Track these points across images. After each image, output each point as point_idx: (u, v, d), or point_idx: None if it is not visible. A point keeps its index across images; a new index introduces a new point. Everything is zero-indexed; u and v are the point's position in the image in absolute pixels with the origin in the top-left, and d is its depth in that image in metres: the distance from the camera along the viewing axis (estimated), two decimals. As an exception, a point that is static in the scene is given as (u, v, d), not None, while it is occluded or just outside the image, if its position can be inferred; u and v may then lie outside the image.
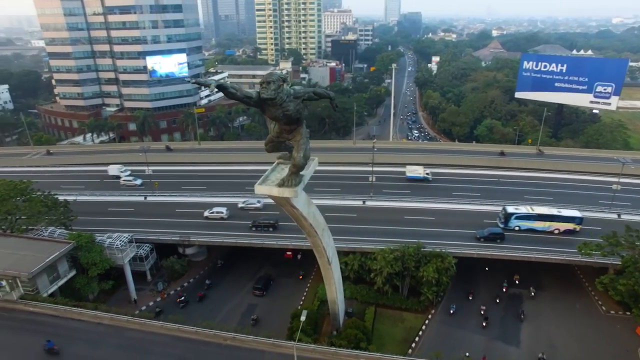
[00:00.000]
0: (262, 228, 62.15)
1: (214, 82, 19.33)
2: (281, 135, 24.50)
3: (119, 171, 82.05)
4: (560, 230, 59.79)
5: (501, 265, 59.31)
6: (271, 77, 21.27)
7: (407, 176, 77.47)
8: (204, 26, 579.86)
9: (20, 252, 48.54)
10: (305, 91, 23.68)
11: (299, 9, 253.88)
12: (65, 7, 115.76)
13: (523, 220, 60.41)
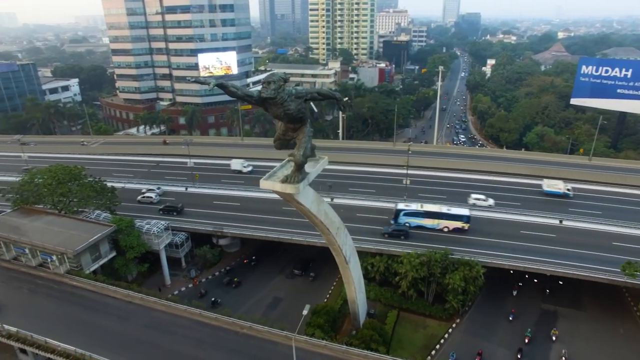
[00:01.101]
0: (168, 212, 67.16)
1: (213, 81, 20.40)
2: (287, 133, 25.29)
3: (241, 166, 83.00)
4: (450, 228, 60.84)
5: (537, 277, 56.54)
6: (272, 77, 22.15)
7: (545, 190, 71.26)
8: (261, 25, 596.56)
9: (69, 231, 52.91)
10: (307, 92, 24.32)
11: (352, 9, 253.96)
12: (128, 7, 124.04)
13: (411, 217, 61.83)
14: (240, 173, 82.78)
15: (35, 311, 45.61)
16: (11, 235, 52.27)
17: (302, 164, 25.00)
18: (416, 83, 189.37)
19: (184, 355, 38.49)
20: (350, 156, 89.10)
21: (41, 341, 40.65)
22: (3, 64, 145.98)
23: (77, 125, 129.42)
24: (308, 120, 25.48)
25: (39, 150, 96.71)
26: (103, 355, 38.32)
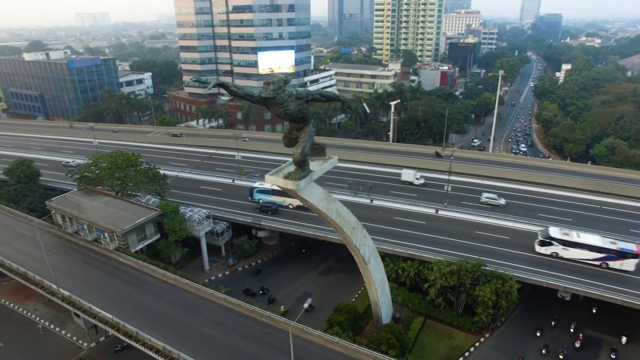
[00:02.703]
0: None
1: (214, 80, 21.88)
2: (292, 132, 26.41)
3: (413, 177, 76.82)
4: (294, 205, 67.22)
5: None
6: (273, 79, 23.36)
7: None
8: (328, 24, 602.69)
9: (120, 212, 58.00)
10: (308, 93, 25.21)
11: (419, 10, 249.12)
12: (196, 6, 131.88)
13: (263, 195, 69.26)
14: (412, 185, 76.52)
15: (86, 280, 50.71)
16: (74, 211, 58.38)
17: (300, 162, 25.90)
18: (480, 87, 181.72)
19: (205, 335, 40.98)
20: (396, 159, 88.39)
21: (86, 307, 45.28)
22: (88, 59, 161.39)
23: (145, 116, 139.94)
24: (311, 120, 26.34)
25: (108, 137, 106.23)
26: (134, 325, 41.94)
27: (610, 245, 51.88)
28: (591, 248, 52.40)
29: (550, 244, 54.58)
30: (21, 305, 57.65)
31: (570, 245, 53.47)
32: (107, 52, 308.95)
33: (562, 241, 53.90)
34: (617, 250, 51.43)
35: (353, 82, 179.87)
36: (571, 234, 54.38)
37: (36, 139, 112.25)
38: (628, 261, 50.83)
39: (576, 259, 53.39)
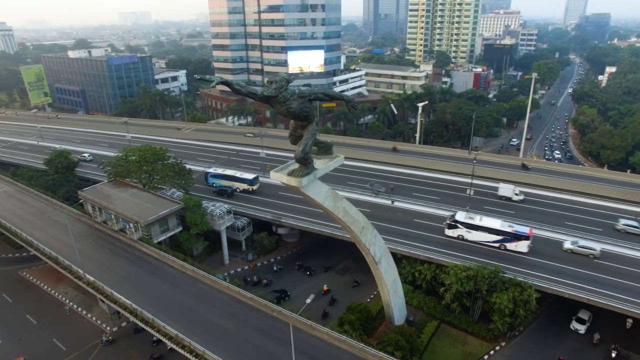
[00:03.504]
0: None
1: (217, 79, 22.62)
2: (296, 130, 26.96)
3: (512, 192, 70.04)
4: (240, 189, 73.77)
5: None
6: (275, 77, 23.96)
7: None
8: (363, 24, 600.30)
9: (145, 204, 60.34)
10: (310, 92, 25.67)
11: (454, 10, 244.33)
12: (229, 5, 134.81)
13: (214, 179, 75.89)
14: (510, 201, 69.66)
15: (111, 268, 53.13)
16: (102, 202, 61.24)
17: (302, 159, 26.33)
18: (514, 90, 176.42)
19: (217, 325, 42.17)
20: (421, 161, 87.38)
21: (108, 292, 47.53)
22: (126, 56, 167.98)
23: (177, 112, 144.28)
24: (314, 119, 26.74)
25: (141, 132, 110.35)
26: (151, 312, 43.67)
27: (507, 228, 55.83)
28: (490, 231, 56.37)
29: (456, 227, 58.60)
30: (54, 287, 61.10)
31: (473, 228, 57.52)
32: (146, 50, 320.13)
33: (466, 224, 57.97)
34: (512, 233, 55.42)
35: (383, 82, 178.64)
36: (474, 218, 58.38)
37: (76, 132, 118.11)
38: (521, 243, 55.05)
39: (479, 241, 57.28)
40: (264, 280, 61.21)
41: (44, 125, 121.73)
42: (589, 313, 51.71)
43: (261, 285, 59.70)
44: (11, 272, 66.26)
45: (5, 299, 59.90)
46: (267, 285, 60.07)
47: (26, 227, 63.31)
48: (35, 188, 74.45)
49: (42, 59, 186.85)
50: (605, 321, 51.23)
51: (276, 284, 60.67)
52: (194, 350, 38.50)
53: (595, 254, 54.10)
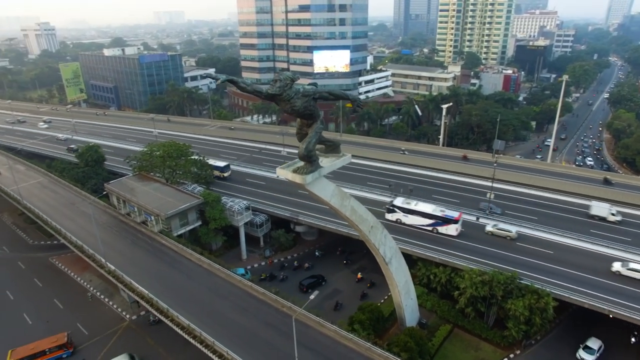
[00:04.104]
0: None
1: (223, 77, 23.31)
2: (302, 128, 27.44)
3: (607, 212, 62.88)
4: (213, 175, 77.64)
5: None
6: (280, 76, 24.51)
7: None
8: (394, 24, 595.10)
9: (167, 198, 62.24)
10: (315, 91, 26.06)
11: (486, 10, 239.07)
12: (257, 5, 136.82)
13: None
14: (605, 221, 62.61)
15: (131, 258, 55.19)
16: (126, 194, 63.56)
17: (304, 157, 26.71)
18: (546, 93, 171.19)
19: (228, 318, 43.21)
20: (442, 163, 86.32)
21: (128, 281, 49.41)
22: (157, 54, 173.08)
23: (204, 110, 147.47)
24: (320, 118, 27.09)
25: (168, 128, 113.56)
26: (167, 302, 45.15)
27: (438, 212, 59.78)
28: (424, 215, 60.33)
29: (394, 212, 62.72)
30: (79, 275, 63.91)
31: (409, 212, 61.67)
32: (178, 48, 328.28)
33: (402, 209, 62.13)
34: (443, 217, 59.50)
35: (410, 83, 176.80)
36: (411, 203, 62.59)
37: (108, 127, 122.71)
38: (451, 226, 59.11)
39: (414, 225, 61.35)
40: (305, 264, 64.65)
41: (78, 120, 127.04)
42: (599, 342, 48.48)
43: (302, 269, 63.82)
44: (42, 259, 69.69)
45: (36, 283, 63.14)
46: (308, 269, 63.95)
47: (56, 216, 66.50)
48: (67, 180, 77.98)
49: (79, 57, 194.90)
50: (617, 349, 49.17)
51: (316, 268, 63.86)
52: (204, 340, 39.61)
53: (511, 235, 58.41)
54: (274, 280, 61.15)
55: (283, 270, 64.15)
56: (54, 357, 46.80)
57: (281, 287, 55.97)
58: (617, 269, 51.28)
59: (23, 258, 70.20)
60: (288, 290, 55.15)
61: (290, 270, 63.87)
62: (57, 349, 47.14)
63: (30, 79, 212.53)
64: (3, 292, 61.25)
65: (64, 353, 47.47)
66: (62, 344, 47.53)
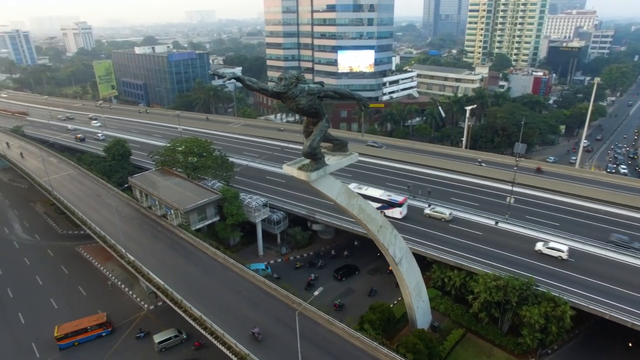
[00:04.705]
0: None
1: (230, 74, 23.91)
2: (309, 126, 27.83)
3: None
4: None
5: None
6: (285, 74, 24.97)
7: None
8: (423, 25, 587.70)
9: (186, 192, 63.87)
10: (320, 90, 26.36)
11: (517, 10, 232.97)
12: (283, 5, 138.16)
13: None
14: None
15: (151, 250, 57.00)
16: (148, 188, 65.56)
17: (308, 154, 27.05)
18: (579, 96, 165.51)
19: (239, 312, 44.11)
20: (465, 166, 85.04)
21: (145, 272, 51.07)
22: (185, 53, 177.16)
23: (229, 108, 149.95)
24: (325, 116, 27.39)
25: (193, 125, 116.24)
26: (181, 294, 46.48)
27: (385, 197, 65.05)
28: (372, 199, 62.74)
29: None
30: (103, 264, 66.39)
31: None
32: (207, 47, 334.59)
33: None
34: (388, 201, 64.53)
35: (436, 84, 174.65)
36: (362, 188, 67.37)
37: (136, 123, 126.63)
38: (395, 209, 64.10)
39: None
40: (345, 252, 67.64)
41: (108, 116, 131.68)
42: None
43: (340, 257, 66.84)
44: (69, 248, 72.74)
45: (63, 271, 66.06)
46: (347, 257, 67.00)
47: (83, 207, 69.30)
48: (94, 173, 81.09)
49: (112, 55, 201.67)
50: None
51: (353, 257, 66.37)
52: (214, 332, 40.58)
53: (445, 217, 64.05)
54: (313, 267, 64.85)
55: (321, 258, 66.91)
56: (94, 335, 50.35)
57: (319, 273, 62.59)
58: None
59: (52, 246, 73.51)
60: (324, 277, 61.51)
61: (328, 258, 67.01)
62: (98, 327, 50.75)
63: (66, 75, 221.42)
64: (33, 278, 64.43)
65: (104, 331, 50.96)
66: (102, 323, 51.11)
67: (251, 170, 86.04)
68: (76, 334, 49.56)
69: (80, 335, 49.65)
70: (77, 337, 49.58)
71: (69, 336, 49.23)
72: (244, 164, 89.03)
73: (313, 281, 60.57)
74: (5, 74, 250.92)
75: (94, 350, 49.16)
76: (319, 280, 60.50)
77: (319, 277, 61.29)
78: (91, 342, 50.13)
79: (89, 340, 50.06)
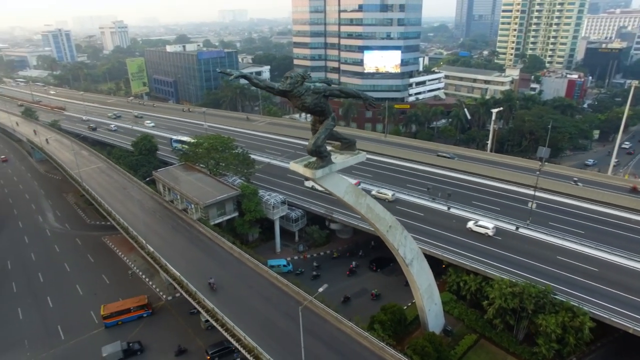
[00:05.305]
0: None
1: (236, 72, 24.45)
2: (315, 124, 28.20)
3: None
4: None
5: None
6: (291, 73, 25.40)
7: None
8: (455, 25, 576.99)
9: (207, 187, 65.46)
10: (325, 88, 26.66)
11: (553, 10, 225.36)
12: (311, 4, 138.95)
13: (176, 143, 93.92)
14: None
15: (171, 242, 58.76)
16: (171, 182, 67.52)
17: (312, 151, 27.29)
18: (617, 100, 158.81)
19: (250, 306, 45.03)
20: (487, 169, 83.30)
21: (163, 263, 52.72)
22: (214, 51, 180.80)
23: (256, 106, 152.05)
24: (331, 115, 27.64)
25: (218, 122, 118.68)
26: (195, 286, 47.76)
27: None
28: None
29: (309, 180, 72.91)
30: (126, 255, 68.85)
31: None
32: (238, 45, 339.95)
33: None
34: None
35: (465, 86, 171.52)
36: None
37: (164, 119, 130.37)
38: None
39: (323, 190, 63.20)
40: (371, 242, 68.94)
41: (140, 112, 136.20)
42: None
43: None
44: (96, 238, 75.78)
45: (89, 259, 68.97)
46: (361, 256, 67.82)
47: (109, 199, 72.03)
48: (122, 166, 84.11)
49: (145, 53, 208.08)
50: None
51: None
52: (225, 324, 41.53)
53: (388, 197, 69.95)
54: (354, 256, 67.54)
55: (360, 248, 69.03)
56: (135, 315, 53.46)
57: (360, 261, 65.65)
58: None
59: (80, 235, 76.79)
60: (364, 265, 64.98)
61: (368, 248, 68.82)
62: (139, 308, 53.93)
63: (102, 72, 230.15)
64: (61, 265, 67.56)
65: (145, 312, 54.15)
66: (144, 304, 54.32)
67: (273, 168, 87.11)
68: (120, 313, 52.88)
69: (124, 315, 52.94)
70: (121, 316, 52.83)
71: (113, 315, 52.53)
72: (266, 161, 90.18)
73: (355, 268, 63.69)
74: (47, 71, 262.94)
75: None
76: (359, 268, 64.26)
77: (359, 265, 64.48)
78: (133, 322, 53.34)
79: (131, 320, 53.14)
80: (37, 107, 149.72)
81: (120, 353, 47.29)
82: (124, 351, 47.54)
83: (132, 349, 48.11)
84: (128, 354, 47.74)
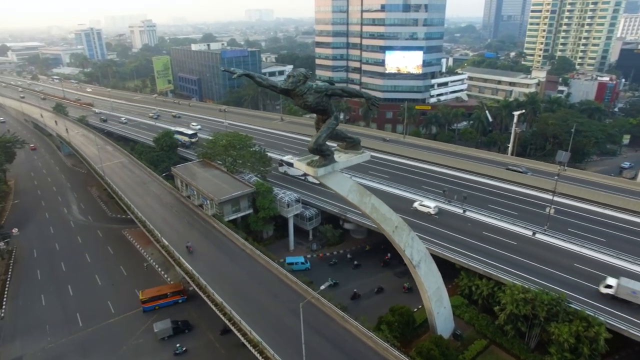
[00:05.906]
0: None
1: (240, 71, 24.89)
2: (319, 123, 28.43)
3: None
4: (186, 142, 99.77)
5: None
6: (294, 72, 25.70)
7: None
8: (483, 26, 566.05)
9: (223, 184, 66.56)
10: (327, 88, 26.83)
11: (586, 10, 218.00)
12: (334, 4, 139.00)
13: (177, 135, 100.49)
14: None
15: (185, 237, 59.93)
16: (188, 178, 68.98)
17: (314, 150, 27.45)
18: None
19: (258, 301, 45.67)
20: (506, 172, 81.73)
21: (177, 257, 54.02)
22: (238, 50, 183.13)
23: (277, 105, 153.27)
24: (334, 114, 27.82)
25: (238, 120, 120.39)
26: (206, 280, 48.81)
27: None
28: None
29: (282, 165, 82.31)
30: (144, 248, 70.77)
31: (291, 165, 77.67)
32: (263, 45, 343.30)
33: (287, 163, 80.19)
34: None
35: (489, 88, 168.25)
36: (293, 159, 72.48)
37: (187, 117, 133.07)
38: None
39: (295, 175, 79.78)
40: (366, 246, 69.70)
41: (161, 109, 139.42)
42: None
43: None
44: (116, 230, 78.17)
45: (109, 251, 71.26)
46: None
47: (129, 193, 74.15)
48: (143, 162, 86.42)
49: (171, 51, 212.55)
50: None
51: None
52: (232, 318, 42.26)
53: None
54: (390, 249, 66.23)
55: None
56: (172, 301, 55.76)
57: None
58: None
59: (102, 228, 79.38)
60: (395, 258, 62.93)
61: None
62: (176, 294, 56.31)
63: (130, 70, 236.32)
64: (83, 255, 70.04)
65: (180, 298, 56.49)
66: (180, 290, 56.65)
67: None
68: (157, 298, 55.07)
69: (161, 300, 55.16)
70: (159, 301, 55.00)
71: (152, 300, 54.69)
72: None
73: (389, 259, 65.00)
74: (79, 68, 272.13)
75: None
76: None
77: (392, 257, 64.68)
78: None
79: (168, 305, 55.29)
80: (67, 102, 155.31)
81: (170, 330, 49.95)
82: (174, 329, 50.13)
83: (180, 327, 50.76)
84: (177, 331, 50.40)
